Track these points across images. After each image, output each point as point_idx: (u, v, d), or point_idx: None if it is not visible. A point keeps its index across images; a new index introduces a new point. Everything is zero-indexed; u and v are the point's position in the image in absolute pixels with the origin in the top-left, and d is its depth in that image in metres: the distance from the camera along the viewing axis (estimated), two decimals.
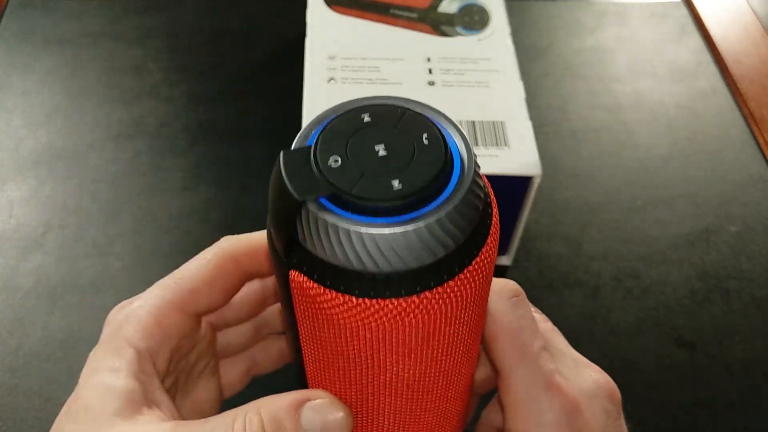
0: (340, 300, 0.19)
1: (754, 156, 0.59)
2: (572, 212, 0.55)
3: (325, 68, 0.46)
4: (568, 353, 0.27)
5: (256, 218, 0.53)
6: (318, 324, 0.20)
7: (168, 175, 0.55)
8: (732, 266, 0.52)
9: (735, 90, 0.63)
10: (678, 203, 0.56)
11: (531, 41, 0.67)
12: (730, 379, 0.47)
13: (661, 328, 0.49)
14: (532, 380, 0.25)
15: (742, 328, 0.49)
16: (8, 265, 0.50)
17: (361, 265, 0.18)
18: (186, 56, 0.64)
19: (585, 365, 0.27)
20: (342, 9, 0.51)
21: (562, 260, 0.52)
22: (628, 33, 0.68)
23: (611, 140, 0.59)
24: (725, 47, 0.67)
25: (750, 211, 0.55)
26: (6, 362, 0.45)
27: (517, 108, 0.44)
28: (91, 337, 0.47)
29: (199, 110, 0.60)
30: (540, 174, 0.41)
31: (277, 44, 0.65)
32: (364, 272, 0.18)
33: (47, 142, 0.57)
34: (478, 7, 0.51)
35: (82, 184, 0.54)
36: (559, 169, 0.57)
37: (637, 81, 0.64)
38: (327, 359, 0.22)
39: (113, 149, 0.57)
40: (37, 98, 0.60)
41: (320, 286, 0.19)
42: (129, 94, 0.60)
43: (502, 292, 0.26)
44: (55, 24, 0.66)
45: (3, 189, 0.54)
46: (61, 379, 0.45)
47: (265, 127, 0.59)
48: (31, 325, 0.47)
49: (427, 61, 0.47)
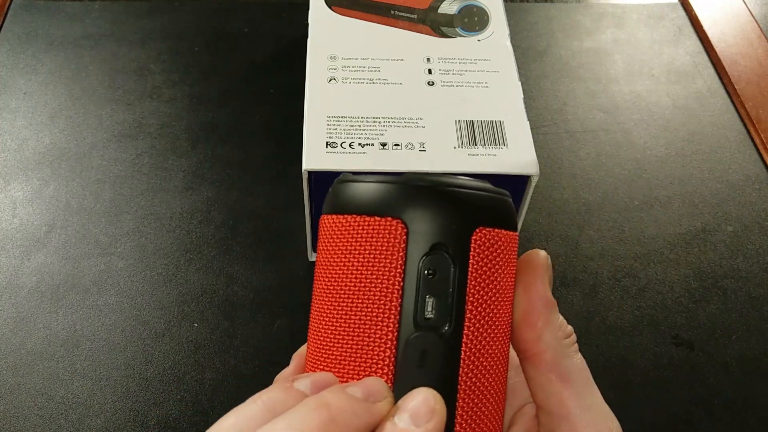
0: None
1: (751, 156, 0.59)
2: (570, 212, 0.55)
3: (325, 68, 0.46)
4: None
5: (258, 218, 0.53)
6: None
7: (170, 176, 0.56)
8: (729, 265, 0.53)
9: (732, 91, 0.64)
10: (675, 203, 0.56)
11: (530, 42, 0.67)
12: (726, 378, 0.47)
13: (658, 326, 0.49)
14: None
15: (738, 327, 0.49)
16: (11, 265, 0.50)
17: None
18: (188, 58, 0.64)
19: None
20: (343, 10, 0.51)
21: (559, 260, 0.52)
22: (626, 35, 0.69)
23: (609, 141, 0.60)
24: (722, 48, 0.67)
25: (746, 210, 0.56)
26: (9, 361, 0.46)
27: (515, 108, 0.45)
28: (93, 336, 0.47)
29: (201, 111, 0.60)
30: (537, 173, 0.41)
31: (278, 45, 0.66)
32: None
33: (50, 142, 0.57)
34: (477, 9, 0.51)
35: (85, 184, 0.55)
36: (557, 170, 0.57)
37: (634, 82, 0.65)
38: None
39: (116, 150, 0.57)
40: (40, 99, 0.60)
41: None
42: (131, 95, 0.61)
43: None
44: (58, 26, 0.66)
45: (6, 189, 0.54)
46: (64, 378, 0.45)
47: (267, 127, 0.59)
48: (33, 324, 0.47)
49: (426, 61, 0.47)
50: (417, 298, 0.22)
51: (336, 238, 0.23)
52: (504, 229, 0.23)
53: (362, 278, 0.22)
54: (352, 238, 0.23)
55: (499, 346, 0.23)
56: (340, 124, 0.42)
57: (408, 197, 0.22)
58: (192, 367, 0.46)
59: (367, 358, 0.22)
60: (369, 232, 0.22)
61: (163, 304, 0.49)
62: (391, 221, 0.22)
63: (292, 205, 0.53)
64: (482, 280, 0.23)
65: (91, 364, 0.46)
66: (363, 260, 0.22)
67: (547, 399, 0.25)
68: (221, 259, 0.51)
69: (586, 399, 0.25)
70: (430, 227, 0.22)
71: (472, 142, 0.42)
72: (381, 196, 0.22)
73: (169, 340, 0.47)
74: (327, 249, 0.23)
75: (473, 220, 0.22)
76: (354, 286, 0.22)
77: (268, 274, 0.50)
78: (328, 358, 0.23)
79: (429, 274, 0.22)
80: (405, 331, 0.22)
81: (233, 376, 0.46)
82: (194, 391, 0.45)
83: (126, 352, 0.46)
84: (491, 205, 0.23)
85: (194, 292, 0.49)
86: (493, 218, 0.23)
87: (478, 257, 0.22)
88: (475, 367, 0.22)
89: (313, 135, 0.42)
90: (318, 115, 0.43)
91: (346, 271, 0.23)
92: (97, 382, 0.45)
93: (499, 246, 0.23)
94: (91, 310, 0.48)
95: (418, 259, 0.22)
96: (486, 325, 0.23)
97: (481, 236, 0.22)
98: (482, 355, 0.23)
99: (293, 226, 0.52)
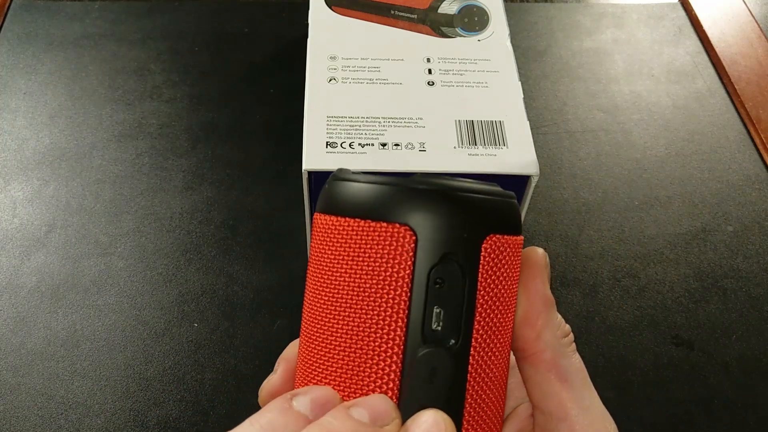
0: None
1: (751, 156, 0.59)
2: (570, 212, 0.55)
3: (325, 68, 0.46)
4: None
5: (258, 218, 0.53)
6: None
7: (170, 175, 0.56)
8: (729, 265, 0.53)
9: (732, 91, 0.64)
10: (675, 203, 0.56)
11: (530, 43, 0.67)
12: (726, 378, 0.47)
13: (658, 326, 0.49)
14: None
15: (738, 327, 0.49)
16: (11, 265, 0.50)
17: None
18: (187, 57, 0.64)
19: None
20: (343, 10, 0.51)
21: (559, 259, 0.52)
22: (626, 35, 0.69)
23: (609, 141, 0.60)
24: (722, 48, 0.67)
25: (746, 210, 0.56)
26: (9, 361, 0.46)
27: (515, 108, 0.45)
28: (93, 336, 0.47)
29: (201, 111, 0.60)
30: (537, 173, 0.41)
31: (278, 45, 0.66)
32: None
33: (50, 142, 0.57)
34: (477, 9, 0.51)
35: (85, 184, 0.55)
36: (557, 170, 0.57)
37: (634, 82, 0.65)
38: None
39: (116, 150, 0.57)
40: (40, 99, 0.60)
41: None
42: (131, 95, 0.61)
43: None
44: (58, 26, 0.66)
45: (6, 189, 0.54)
46: (64, 378, 0.45)
47: (267, 127, 0.59)
48: (33, 324, 0.47)
49: (426, 61, 0.47)
50: (425, 310, 0.21)
51: (336, 242, 0.22)
52: (512, 235, 0.23)
53: (366, 287, 0.21)
54: (354, 244, 0.21)
55: (503, 355, 0.23)
56: (340, 124, 0.42)
57: (417, 202, 0.21)
58: (192, 367, 0.46)
59: (371, 372, 0.21)
60: (374, 238, 0.21)
61: (163, 304, 0.49)
62: (399, 228, 0.21)
63: (292, 205, 0.53)
64: (491, 289, 0.22)
65: (91, 364, 0.46)
66: (367, 268, 0.21)
67: (544, 399, 0.25)
68: (221, 259, 0.51)
69: (585, 400, 0.25)
70: (440, 235, 0.21)
71: (472, 142, 0.42)
72: (386, 200, 0.21)
73: (169, 340, 0.47)
74: (325, 252, 0.22)
75: (484, 228, 0.22)
76: (357, 295, 0.21)
77: (268, 274, 0.50)
78: (326, 370, 0.22)
79: (438, 284, 0.21)
80: (412, 345, 0.21)
81: (233, 376, 0.46)
82: (194, 391, 0.45)
83: (126, 352, 0.46)
84: (501, 210, 0.22)
85: (194, 292, 0.49)
86: (502, 224, 0.22)
87: (488, 266, 0.22)
88: (482, 380, 0.22)
89: (313, 135, 0.42)
90: (318, 115, 0.43)
91: (347, 278, 0.21)
92: (97, 382, 0.45)
93: (507, 253, 0.22)
94: (91, 310, 0.48)
95: (428, 268, 0.21)
96: (493, 335, 0.22)
97: (491, 244, 0.22)
98: (488, 366, 0.22)
99: (293, 226, 0.52)
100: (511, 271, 0.23)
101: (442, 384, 0.21)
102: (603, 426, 0.25)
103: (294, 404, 0.20)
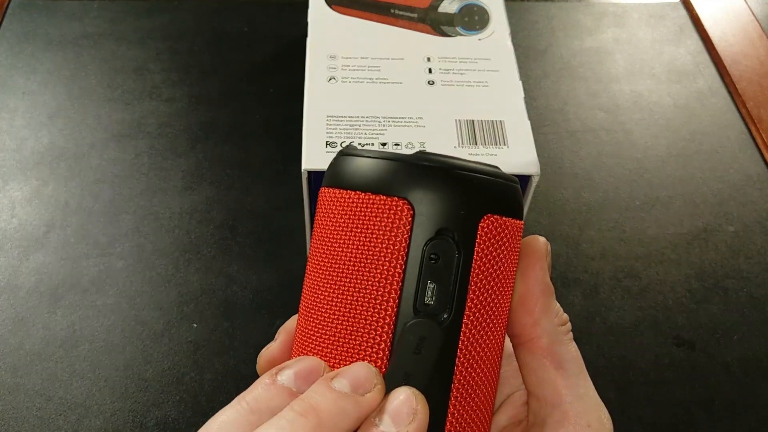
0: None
1: (752, 156, 0.59)
2: (571, 212, 0.55)
3: (325, 68, 0.46)
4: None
5: (257, 218, 0.53)
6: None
7: (169, 175, 0.55)
8: (730, 265, 0.52)
9: (733, 90, 0.64)
10: (676, 203, 0.56)
11: (530, 42, 0.67)
12: (728, 378, 0.47)
13: (659, 327, 0.49)
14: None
15: (740, 327, 0.49)
16: (10, 265, 0.50)
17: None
18: (187, 57, 0.64)
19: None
20: (343, 9, 0.51)
21: (560, 260, 0.52)
22: (627, 34, 0.69)
23: (610, 140, 0.60)
24: (723, 48, 0.67)
25: (748, 210, 0.56)
26: (8, 361, 0.45)
27: (516, 108, 0.45)
28: (92, 337, 0.47)
29: (200, 111, 0.60)
30: (538, 173, 0.41)
31: (278, 45, 0.66)
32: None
33: (49, 142, 0.57)
34: (478, 8, 0.51)
35: (84, 184, 0.55)
36: (558, 169, 0.57)
37: (635, 82, 0.64)
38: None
39: (115, 149, 0.57)
40: (39, 99, 0.60)
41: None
42: (130, 94, 0.61)
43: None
44: (57, 25, 0.66)
45: (5, 189, 0.54)
46: (63, 379, 0.45)
47: (266, 127, 0.59)
48: (32, 325, 0.47)
49: (427, 60, 0.47)
50: (418, 283, 0.21)
51: (336, 214, 0.22)
52: (511, 218, 0.23)
53: (362, 258, 0.22)
54: (354, 215, 0.22)
55: (496, 336, 0.23)
56: (340, 123, 0.42)
57: (417, 178, 0.21)
58: (191, 367, 0.46)
59: (362, 340, 0.21)
60: (373, 210, 0.22)
61: (162, 305, 0.48)
62: (398, 201, 0.21)
63: (292, 205, 0.53)
64: (486, 268, 0.22)
65: (90, 365, 0.45)
66: (364, 239, 0.22)
67: (540, 385, 0.25)
68: (221, 259, 0.51)
69: (580, 388, 0.25)
70: (437, 211, 0.21)
71: (472, 142, 0.42)
72: (387, 174, 0.22)
73: (169, 340, 0.47)
74: (326, 224, 0.23)
75: (482, 207, 0.22)
76: (353, 265, 0.22)
77: (268, 274, 0.50)
78: (320, 338, 0.22)
79: (432, 259, 0.21)
80: (403, 316, 0.21)
81: (233, 376, 0.45)
82: (193, 392, 0.45)
83: (125, 352, 0.46)
84: (501, 192, 0.23)
85: (193, 293, 0.49)
86: (502, 206, 0.22)
87: (484, 245, 0.22)
88: (472, 357, 0.22)
89: (313, 135, 0.42)
90: (318, 115, 0.43)
91: (345, 249, 0.22)
92: (96, 383, 0.45)
93: (505, 235, 0.23)
94: (90, 311, 0.48)
95: (423, 243, 0.21)
96: (486, 314, 0.22)
97: (489, 224, 0.22)
98: (479, 344, 0.22)
99: (293, 226, 0.52)
100: (508, 253, 0.23)
101: (430, 355, 0.21)
102: (597, 415, 0.25)
103: (278, 379, 0.21)
